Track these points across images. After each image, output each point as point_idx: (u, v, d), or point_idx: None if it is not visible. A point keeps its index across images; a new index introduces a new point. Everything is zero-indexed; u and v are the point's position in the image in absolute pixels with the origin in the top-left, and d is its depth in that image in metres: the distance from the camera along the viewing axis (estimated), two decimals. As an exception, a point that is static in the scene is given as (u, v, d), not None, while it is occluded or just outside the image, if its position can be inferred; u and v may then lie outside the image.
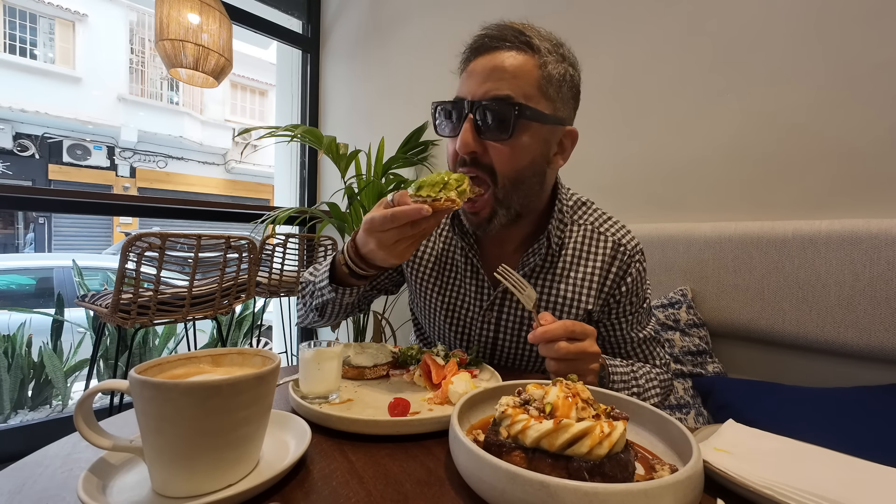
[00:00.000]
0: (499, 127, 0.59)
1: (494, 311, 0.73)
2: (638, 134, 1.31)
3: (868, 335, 0.86)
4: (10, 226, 9.47)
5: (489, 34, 0.61)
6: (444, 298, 0.76)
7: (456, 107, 0.62)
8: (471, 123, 0.60)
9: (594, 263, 0.70)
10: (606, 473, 0.32)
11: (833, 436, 0.72)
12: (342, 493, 0.34)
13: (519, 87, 0.59)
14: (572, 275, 0.70)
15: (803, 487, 0.34)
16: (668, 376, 0.75)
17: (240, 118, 11.71)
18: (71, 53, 9.28)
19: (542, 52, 0.61)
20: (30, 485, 0.35)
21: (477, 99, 0.60)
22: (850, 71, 0.96)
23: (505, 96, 0.59)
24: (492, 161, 0.62)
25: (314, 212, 2.03)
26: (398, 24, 2.19)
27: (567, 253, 0.71)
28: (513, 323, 0.72)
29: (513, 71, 0.59)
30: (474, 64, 0.61)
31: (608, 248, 0.71)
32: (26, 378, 2.40)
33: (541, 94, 0.61)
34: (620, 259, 0.70)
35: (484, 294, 0.73)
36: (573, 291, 0.70)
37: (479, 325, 0.74)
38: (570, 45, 0.68)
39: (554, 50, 0.62)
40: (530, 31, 0.61)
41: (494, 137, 0.60)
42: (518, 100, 0.59)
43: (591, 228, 0.72)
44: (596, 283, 0.70)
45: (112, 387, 0.35)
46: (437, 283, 0.77)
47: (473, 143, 0.60)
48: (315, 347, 0.52)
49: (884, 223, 0.86)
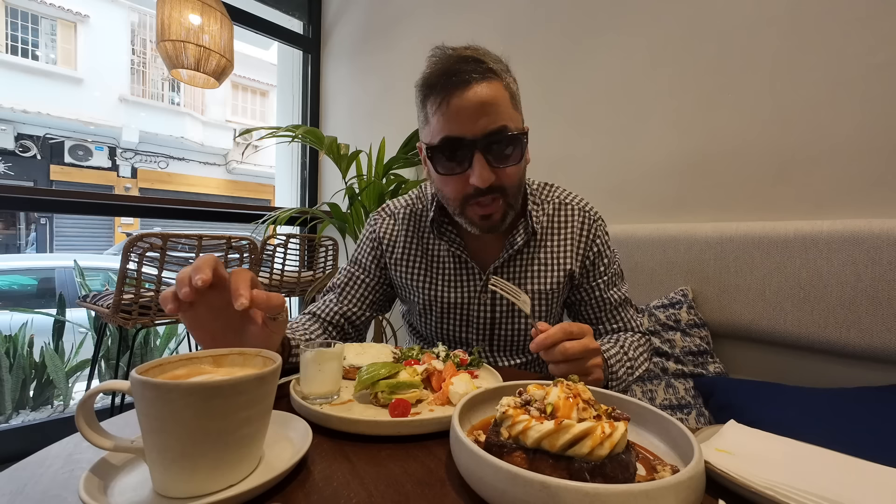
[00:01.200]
0: (508, 156, 0.66)
1: (488, 291, 0.79)
2: (639, 134, 1.31)
3: (870, 335, 0.86)
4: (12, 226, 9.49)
5: (454, 69, 0.63)
6: (439, 293, 0.81)
7: (458, 146, 0.65)
8: (482, 158, 0.65)
9: (567, 230, 0.80)
10: (608, 474, 0.32)
11: (835, 436, 0.72)
12: (343, 494, 0.34)
13: (505, 113, 0.65)
14: (548, 243, 0.80)
15: (805, 488, 0.34)
16: (646, 338, 0.82)
17: (241, 119, 11.73)
18: (72, 54, 9.30)
19: (501, 74, 0.66)
20: (31, 485, 0.35)
21: (478, 136, 0.64)
22: (852, 70, 0.96)
23: (502, 127, 0.64)
24: (503, 182, 0.68)
25: (315, 212, 2.03)
26: (399, 24, 2.19)
27: (542, 226, 0.80)
28: (508, 301, 0.78)
29: (495, 101, 0.64)
30: (456, 102, 0.63)
31: (576, 215, 0.81)
32: (28, 378, 2.41)
33: (515, 110, 0.68)
34: (588, 224, 0.80)
35: (475, 280, 0.79)
36: (552, 256, 0.79)
37: (476, 309, 0.80)
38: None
39: (505, 68, 0.68)
40: (485, 57, 0.65)
41: (505, 164, 0.67)
42: (511, 127, 0.65)
43: (558, 202, 0.82)
44: (572, 245, 0.80)
45: (113, 387, 0.35)
46: (427, 281, 0.82)
47: (491, 176, 0.65)
48: (316, 348, 0.52)
49: (885, 223, 0.86)
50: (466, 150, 0.65)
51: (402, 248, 0.83)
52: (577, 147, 1.44)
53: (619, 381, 0.69)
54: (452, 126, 0.65)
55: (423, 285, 0.82)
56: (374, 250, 0.86)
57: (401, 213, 0.85)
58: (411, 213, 0.85)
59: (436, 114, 0.66)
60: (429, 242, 0.83)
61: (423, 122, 0.70)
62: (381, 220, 0.86)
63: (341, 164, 1.88)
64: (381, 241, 0.85)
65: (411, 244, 0.83)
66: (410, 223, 0.84)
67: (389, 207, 0.88)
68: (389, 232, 0.85)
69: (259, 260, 1.75)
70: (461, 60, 0.64)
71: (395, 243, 0.84)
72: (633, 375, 0.73)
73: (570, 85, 1.46)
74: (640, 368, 0.75)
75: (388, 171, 1.91)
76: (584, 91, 1.43)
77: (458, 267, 0.80)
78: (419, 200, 0.85)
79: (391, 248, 0.84)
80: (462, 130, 0.64)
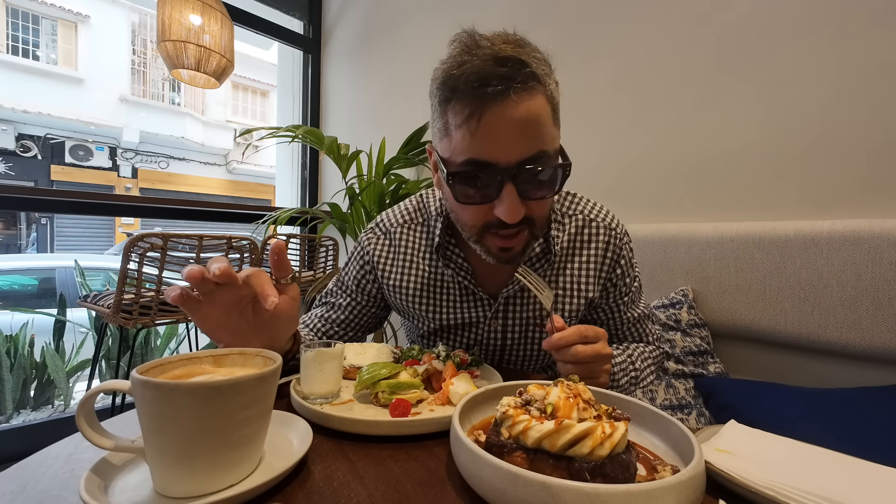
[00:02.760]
0: (544, 187, 0.55)
1: (500, 318, 0.72)
2: (639, 134, 1.31)
3: (870, 336, 0.86)
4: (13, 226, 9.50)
5: (490, 73, 0.50)
6: (444, 317, 0.74)
7: (488, 173, 0.53)
8: (513, 190, 0.53)
9: (590, 252, 0.71)
10: (608, 474, 0.32)
11: (835, 437, 0.72)
12: (343, 494, 0.34)
13: (547, 135, 0.54)
14: (570, 266, 0.71)
15: (805, 488, 0.34)
16: (659, 351, 0.79)
17: (241, 119, 11.74)
18: (73, 54, 9.31)
19: (545, 80, 0.53)
20: (32, 485, 0.35)
21: (513, 164, 0.52)
22: (852, 70, 0.96)
23: (541, 153, 0.53)
24: (533, 214, 0.57)
25: (315, 212, 2.03)
26: (399, 24, 2.19)
27: (563, 246, 0.71)
28: (519, 325, 0.72)
29: (538, 121, 0.52)
30: (489, 120, 0.51)
31: (601, 235, 0.71)
32: (28, 378, 2.41)
33: (555, 126, 0.57)
34: (614, 244, 0.71)
35: (484, 307, 0.71)
36: (572, 281, 0.71)
37: (485, 333, 0.73)
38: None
39: (550, 70, 0.56)
40: (530, 58, 0.52)
41: (539, 196, 0.56)
42: (551, 152, 0.54)
43: (582, 218, 0.72)
44: (594, 269, 0.71)
45: (114, 387, 0.35)
46: (431, 307, 0.74)
47: (522, 210, 0.54)
48: (316, 348, 0.52)
49: (886, 223, 0.86)
50: (495, 178, 0.53)
51: (400, 272, 0.74)
52: (578, 147, 1.44)
53: (620, 388, 0.68)
54: (482, 148, 0.52)
55: (427, 311, 0.74)
56: (362, 276, 0.78)
57: (397, 232, 0.75)
58: (409, 231, 0.75)
59: (461, 127, 0.53)
60: (429, 264, 0.73)
61: (441, 129, 0.57)
62: (375, 239, 0.77)
63: (341, 165, 1.88)
64: (375, 267, 0.76)
65: (410, 268, 0.74)
66: (409, 242, 0.74)
67: (384, 224, 0.77)
68: (384, 255, 0.76)
69: (259, 260, 1.75)
70: (498, 62, 0.50)
71: (391, 268, 0.75)
72: (637, 386, 0.71)
73: (571, 84, 1.46)
74: (645, 381, 0.73)
75: (389, 171, 1.91)
76: (584, 91, 1.43)
77: (465, 295, 0.72)
78: (418, 213, 0.76)
79: (386, 273, 0.75)
80: (494, 155, 0.52)
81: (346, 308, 0.79)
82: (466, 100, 0.51)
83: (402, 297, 0.75)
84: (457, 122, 0.53)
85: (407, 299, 0.74)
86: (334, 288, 0.81)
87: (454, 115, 0.53)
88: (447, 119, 0.55)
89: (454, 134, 0.54)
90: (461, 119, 0.52)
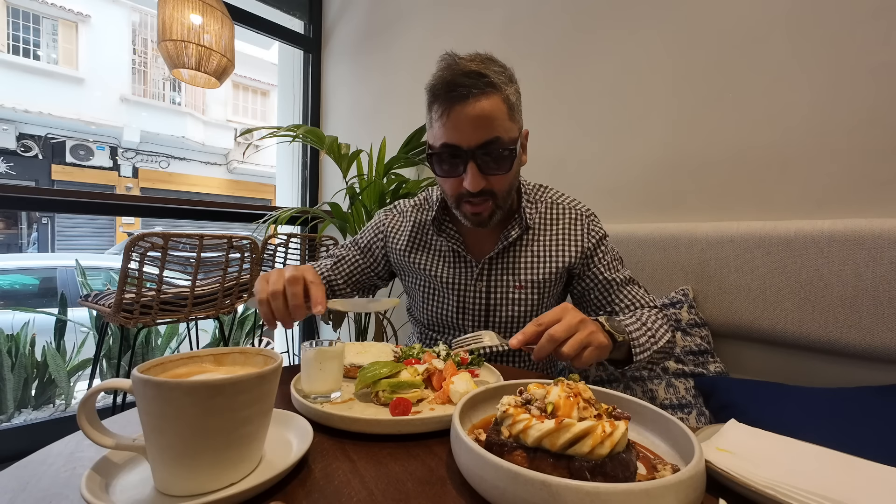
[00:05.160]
0: (498, 166, 0.73)
1: (483, 279, 0.86)
2: (639, 134, 1.31)
3: (871, 335, 0.86)
4: (14, 226, 9.51)
5: (457, 82, 0.69)
6: (437, 273, 0.89)
7: (455, 154, 0.73)
8: (475, 167, 0.72)
9: (559, 226, 0.87)
10: (608, 473, 0.32)
11: (835, 436, 0.72)
12: (344, 493, 0.35)
13: (500, 126, 0.71)
14: (542, 238, 0.86)
15: (806, 487, 0.34)
16: (662, 312, 0.83)
17: (242, 118, 11.74)
18: (74, 54, 9.32)
19: (502, 87, 0.71)
20: (33, 483, 0.35)
21: (472, 146, 0.71)
22: (853, 69, 0.96)
23: (495, 139, 0.71)
24: (493, 187, 0.75)
25: (316, 212, 2.03)
26: (399, 24, 2.19)
27: (535, 223, 0.87)
28: (502, 287, 0.85)
29: (491, 115, 0.70)
30: (456, 114, 0.70)
31: (569, 213, 0.88)
32: (30, 377, 2.41)
33: (511, 121, 0.73)
34: (581, 220, 0.87)
35: (472, 269, 0.87)
36: (545, 249, 0.85)
37: (472, 295, 0.87)
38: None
39: (507, 79, 0.73)
40: (488, 70, 0.70)
41: (495, 173, 0.74)
42: (505, 139, 0.72)
43: (551, 202, 0.89)
44: (565, 239, 0.86)
45: (115, 386, 0.35)
46: (427, 264, 0.90)
47: (481, 182, 0.73)
48: (317, 347, 0.52)
49: (887, 223, 0.86)
50: (461, 158, 0.72)
51: (407, 239, 0.93)
52: (578, 146, 1.44)
53: (641, 347, 0.70)
54: (451, 135, 0.72)
55: (423, 267, 0.91)
56: (376, 239, 0.97)
57: (408, 211, 0.96)
58: (418, 213, 0.95)
59: (437, 121, 0.73)
60: (430, 238, 0.92)
61: (429, 124, 0.77)
62: (392, 216, 0.98)
63: (342, 164, 1.88)
64: (387, 234, 0.96)
65: (415, 237, 0.93)
66: (416, 221, 0.94)
67: (399, 206, 0.99)
68: (396, 226, 0.96)
69: (260, 259, 1.75)
70: (464, 74, 0.69)
71: (400, 236, 0.94)
72: (658, 344, 0.73)
73: (571, 84, 1.46)
74: (663, 339, 0.75)
75: (389, 171, 1.90)
76: (584, 90, 1.43)
77: (456, 259, 0.89)
78: (426, 202, 0.95)
79: (396, 239, 0.94)
80: (459, 140, 0.71)
81: (352, 262, 0.96)
82: (440, 101, 0.72)
83: (406, 257, 0.93)
84: (435, 118, 0.74)
85: (409, 258, 0.92)
86: (348, 243, 1.00)
87: (434, 113, 0.74)
88: (431, 116, 0.75)
89: (434, 126, 0.75)
90: (437, 115, 0.73)
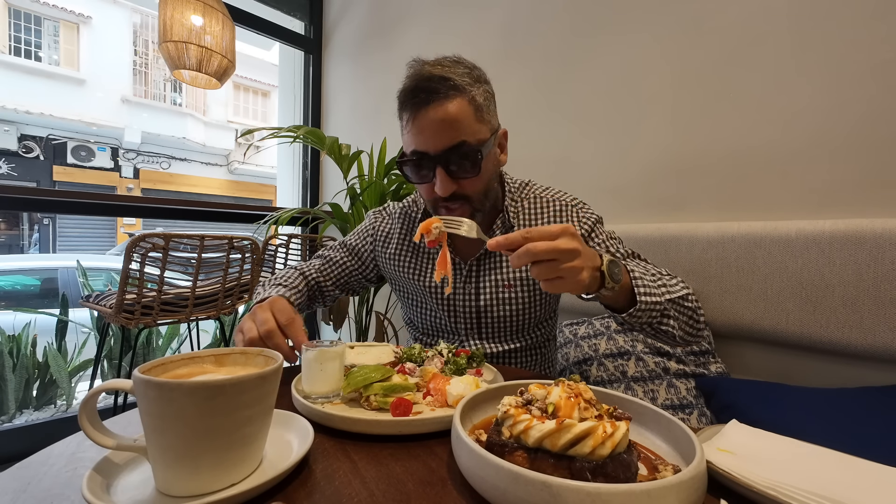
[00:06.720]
0: (466, 169, 0.71)
1: (472, 280, 0.85)
2: (640, 134, 1.31)
3: (872, 336, 0.86)
4: (16, 227, 9.53)
5: (421, 88, 0.68)
6: (426, 280, 0.88)
7: (423, 160, 0.72)
8: (443, 172, 0.71)
9: (544, 220, 0.84)
10: (609, 474, 0.32)
11: (836, 436, 0.72)
12: (344, 493, 0.35)
13: (466, 128, 0.69)
14: None
15: (807, 488, 0.34)
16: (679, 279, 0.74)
17: (242, 119, 11.76)
18: (75, 55, 9.34)
19: (466, 88, 0.69)
20: (35, 483, 0.35)
21: (439, 151, 0.69)
22: (854, 69, 0.96)
23: (461, 143, 0.69)
24: (465, 191, 0.74)
25: (316, 212, 2.03)
26: (400, 24, 2.20)
27: (521, 219, 0.85)
28: (492, 287, 0.84)
29: (455, 119, 0.68)
30: (420, 120, 0.69)
31: (553, 206, 0.85)
32: (31, 378, 2.41)
33: (479, 122, 0.71)
34: (566, 210, 0.84)
35: (460, 271, 0.86)
36: None
37: (461, 298, 0.85)
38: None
39: (473, 80, 0.71)
40: (451, 72, 0.69)
41: (464, 176, 0.72)
42: (471, 141, 0.70)
43: (535, 197, 0.87)
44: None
45: (116, 386, 0.35)
46: (417, 271, 0.89)
47: (451, 186, 0.72)
48: (318, 347, 0.52)
49: (888, 223, 0.85)
50: (429, 164, 0.71)
51: (396, 244, 0.92)
52: (578, 146, 1.44)
53: (646, 289, 0.62)
54: (417, 141, 0.71)
55: (412, 274, 0.89)
56: (365, 242, 0.96)
57: (397, 214, 0.95)
58: (406, 216, 0.94)
59: (405, 128, 0.73)
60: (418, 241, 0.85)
61: (401, 132, 0.76)
62: (382, 218, 0.97)
63: (342, 165, 1.89)
64: (377, 238, 0.95)
65: (403, 241, 0.92)
66: (404, 223, 0.93)
67: (389, 208, 0.98)
68: (387, 230, 0.95)
69: (261, 260, 1.75)
70: (427, 79, 0.68)
71: (390, 240, 0.93)
72: (671, 294, 0.66)
73: (572, 84, 1.46)
74: (677, 291, 0.68)
75: (390, 171, 1.91)
76: (585, 90, 1.43)
77: None
78: (413, 205, 0.94)
79: (386, 244, 0.94)
80: (425, 146, 0.70)
81: (341, 264, 0.95)
82: (405, 108, 0.72)
83: (395, 263, 0.91)
84: (403, 125, 0.74)
85: (399, 265, 0.91)
86: (337, 245, 0.98)
87: (402, 119, 0.74)
88: (401, 123, 0.75)
89: (404, 133, 0.74)
90: (404, 122, 0.73)
